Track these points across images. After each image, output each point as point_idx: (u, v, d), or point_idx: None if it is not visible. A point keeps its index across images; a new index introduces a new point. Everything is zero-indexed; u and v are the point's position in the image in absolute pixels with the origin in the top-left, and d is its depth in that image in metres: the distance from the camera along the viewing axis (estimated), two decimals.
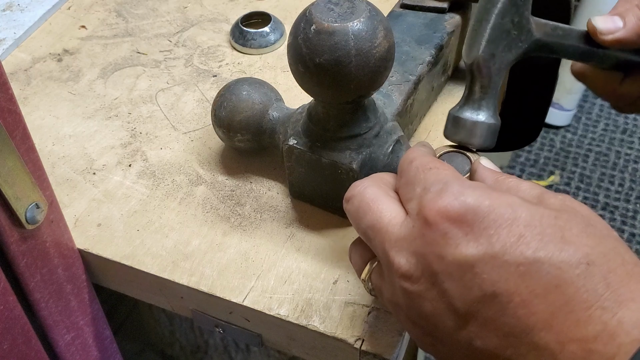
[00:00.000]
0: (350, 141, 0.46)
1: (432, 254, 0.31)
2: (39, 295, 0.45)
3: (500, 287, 0.29)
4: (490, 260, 0.30)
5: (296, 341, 0.47)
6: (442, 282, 0.31)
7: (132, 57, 0.67)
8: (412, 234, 0.32)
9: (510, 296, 0.29)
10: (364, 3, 0.42)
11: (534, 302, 0.29)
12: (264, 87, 0.53)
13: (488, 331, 0.30)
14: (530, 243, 0.29)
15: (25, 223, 0.40)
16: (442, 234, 0.31)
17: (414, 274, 0.32)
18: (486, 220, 0.30)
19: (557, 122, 1.87)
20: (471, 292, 0.30)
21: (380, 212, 0.35)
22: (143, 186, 0.54)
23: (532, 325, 0.29)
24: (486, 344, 0.30)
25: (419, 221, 0.32)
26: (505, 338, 0.29)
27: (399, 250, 0.33)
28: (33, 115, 0.61)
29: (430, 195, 0.32)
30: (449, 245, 0.31)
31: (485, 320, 0.30)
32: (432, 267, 0.31)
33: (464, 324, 0.30)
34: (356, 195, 0.37)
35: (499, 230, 0.30)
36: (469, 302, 0.30)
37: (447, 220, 0.31)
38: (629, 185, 1.74)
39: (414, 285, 0.32)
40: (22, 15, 0.71)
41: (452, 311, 0.31)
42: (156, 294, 0.50)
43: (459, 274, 0.30)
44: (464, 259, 0.30)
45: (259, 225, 0.50)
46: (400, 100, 0.51)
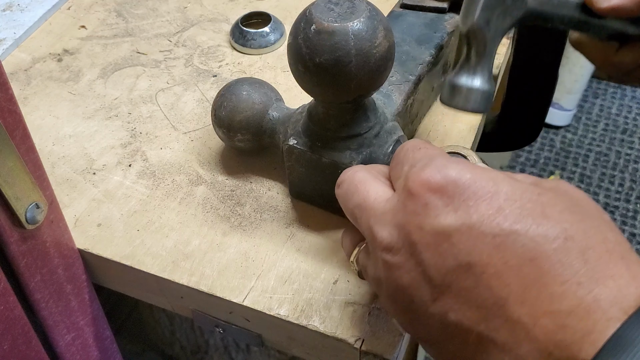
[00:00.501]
0: (351, 141, 0.46)
1: (412, 224, 0.31)
2: (39, 295, 0.45)
3: (475, 258, 0.29)
4: (467, 231, 0.30)
5: (296, 341, 0.47)
6: (420, 252, 0.31)
7: (132, 57, 0.67)
8: (396, 207, 0.33)
9: (484, 267, 0.29)
10: (364, 3, 0.42)
11: (507, 274, 0.28)
12: (264, 87, 0.53)
13: (462, 303, 0.30)
14: (508, 216, 0.29)
15: (25, 223, 0.40)
16: (423, 204, 0.31)
17: (395, 246, 0.32)
18: (467, 192, 0.30)
19: (557, 122, 1.87)
20: (446, 262, 0.30)
21: (367, 191, 0.35)
22: (143, 186, 0.54)
23: (505, 297, 0.28)
24: (459, 317, 0.30)
25: (404, 193, 0.32)
26: (478, 310, 0.29)
27: (382, 224, 0.33)
28: (33, 115, 0.61)
29: (416, 169, 0.33)
30: (428, 216, 0.31)
31: (459, 291, 0.30)
32: (411, 237, 0.31)
33: (439, 295, 0.30)
34: (346, 179, 0.37)
35: (479, 202, 0.30)
36: (444, 272, 0.30)
37: (429, 191, 0.31)
38: (629, 185, 1.74)
39: (394, 256, 0.32)
40: (22, 15, 0.71)
41: (427, 281, 0.31)
42: (156, 294, 0.50)
43: (435, 243, 0.30)
44: (442, 228, 0.30)
45: (259, 225, 0.50)
46: (400, 100, 0.51)
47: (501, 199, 0.30)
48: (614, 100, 1.97)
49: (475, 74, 0.43)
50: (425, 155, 0.34)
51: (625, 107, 1.94)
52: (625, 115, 1.92)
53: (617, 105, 1.95)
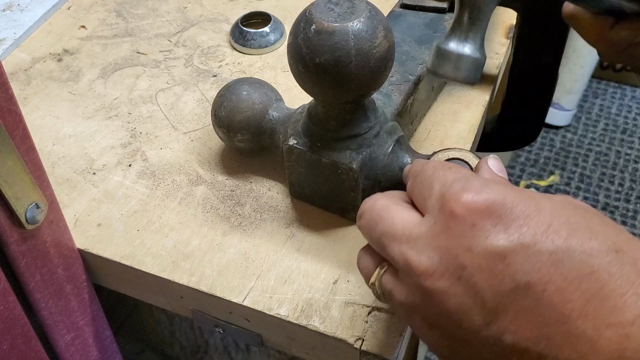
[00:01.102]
0: (350, 141, 0.46)
1: (459, 247, 0.30)
2: (39, 295, 0.45)
3: (534, 277, 0.29)
4: (522, 250, 0.29)
5: (296, 341, 0.47)
6: (471, 275, 0.30)
7: (132, 57, 0.67)
8: (434, 229, 0.32)
9: (545, 285, 0.29)
10: (364, 3, 0.42)
11: (568, 290, 0.28)
12: (264, 87, 0.53)
13: (520, 324, 0.29)
14: (559, 232, 0.29)
15: (25, 223, 0.40)
16: (470, 226, 0.30)
17: (437, 270, 0.31)
18: (514, 211, 0.30)
19: (557, 122, 1.87)
20: (503, 284, 0.29)
21: (392, 218, 0.34)
22: (143, 186, 0.54)
23: (568, 313, 0.28)
24: (517, 338, 0.29)
25: (443, 216, 0.31)
26: (539, 329, 0.29)
27: (419, 249, 0.32)
28: (33, 115, 0.61)
29: (453, 189, 0.32)
30: (478, 237, 0.30)
31: (518, 313, 0.29)
32: (458, 260, 0.30)
33: (494, 319, 0.30)
34: (367, 209, 0.36)
35: (528, 221, 0.30)
36: (500, 295, 0.29)
37: (475, 212, 0.30)
38: (629, 185, 1.74)
39: (437, 282, 0.31)
40: (22, 15, 0.71)
41: (480, 306, 0.30)
42: (156, 294, 0.50)
43: (489, 265, 0.29)
44: (495, 249, 0.29)
45: (259, 225, 0.50)
46: (400, 100, 0.51)
47: (548, 215, 0.30)
48: (614, 100, 1.97)
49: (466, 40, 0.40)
50: (459, 176, 0.33)
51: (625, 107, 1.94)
52: (625, 115, 1.92)
53: (617, 105, 1.95)
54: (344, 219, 0.50)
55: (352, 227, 0.50)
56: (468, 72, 0.41)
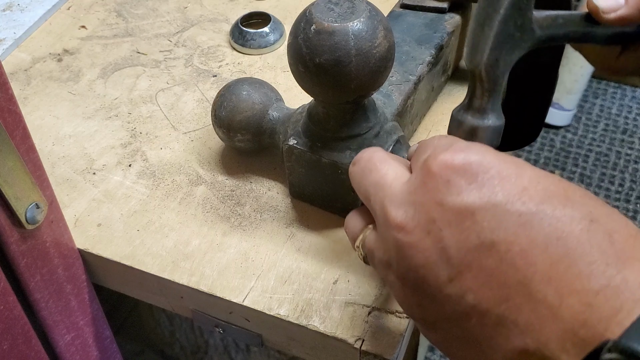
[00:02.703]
0: (350, 141, 0.46)
1: (431, 201, 0.31)
2: (39, 295, 0.45)
3: (500, 236, 0.28)
4: (491, 209, 0.29)
5: (296, 341, 0.47)
6: (439, 229, 0.30)
7: (132, 57, 0.67)
8: (413, 185, 0.32)
9: (509, 245, 0.28)
10: (364, 3, 0.42)
11: (533, 253, 0.28)
12: (264, 87, 0.53)
13: (482, 283, 0.29)
14: (533, 196, 0.29)
15: (25, 223, 0.40)
16: (445, 182, 0.30)
17: (409, 224, 0.31)
18: (491, 171, 0.30)
19: (557, 122, 1.87)
20: (468, 240, 0.29)
21: (386, 170, 0.35)
22: (143, 186, 0.54)
23: (530, 276, 0.28)
24: (478, 298, 0.29)
25: (422, 171, 0.32)
26: (500, 290, 0.28)
27: (398, 203, 0.32)
28: (33, 115, 0.61)
29: (438, 149, 0.32)
30: (450, 193, 0.30)
31: (480, 271, 0.29)
32: (429, 214, 0.30)
33: (457, 275, 0.29)
34: (364, 156, 0.36)
35: (503, 182, 0.30)
36: (465, 251, 0.29)
37: (451, 169, 0.31)
38: (629, 185, 1.74)
39: (408, 235, 0.31)
40: (22, 15, 0.71)
41: (445, 261, 0.30)
42: (156, 294, 0.50)
43: (457, 221, 0.30)
44: (465, 205, 0.29)
45: (259, 225, 0.50)
46: (400, 100, 0.51)
47: (525, 180, 0.30)
48: (614, 100, 1.97)
49: (485, 112, 0.41)
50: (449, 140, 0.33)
51: (625, 107, 1.94)
52: (625, 115, 1.92)
53: (617, 105, 1.95)
54: (344, 219, 0.50)
55: None
56: (490, 140, 0.41)
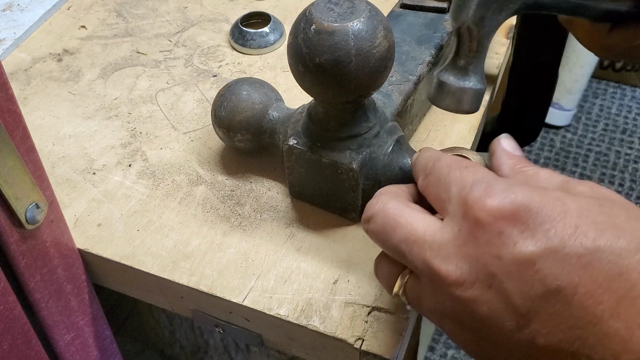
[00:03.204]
0: (350, 141, 0.46)
1: (487, 255, 0.30)
2: (39, 295, 0.45)
3: (564, 281, 0.29)
4: (550, 255, 0.29)
5: (296, 341, 0.47)
6: (501, 282, 0.30)
7: (132, 57, 0.67)
8: (460, 238, 0.31)
9: (575, 288, 0.29)
10: (364, 3, 0.42)
11: (598, 292, 0.28)
12: (264, 87, 0.53)
13: (552, 327, 0.29)
14: (587, 233, 0.29)
15: (25, 223, 0.40)
16: (497, 234, 0.30)
17: (468, 279, 0.31)
18: (540, 215, 0.30)
19: (557, 122, 1.87)
20: (533, 289, 0.29)
21: (410, 224, 0.34)
22: (143, 186, 0.54)
23: (600, 314, 0.28)
24: (550, 340, 0.29)
25: (468, 223, 0.31)
26: (571, 331, 0.29)
27: (444, 257, 0.32)
28: (33, 115, 0.61)
29: (475, 194, 0.31)
30: (506, 245, 0.30)
31: (549, 316, 0.29)
32: (488, 269, 0.30)
33: (526, 323, 0.30)
34: (377, 212, 0.35)
35: (555, 224, 0.29)
36: (531, 300, 0.29)
37: (501, 219, 0.30)
38: (629, 185, 1.74)
39: (467, 291, 0.31)
40: (22, 15, 0.71)
41: (512, 311, 0.30)
42: (156, 294, 0.50)
43: (519, 272, 0.29)
44: (524, 256, 0.29)
45: (259, 225, 0.50)
46: (400, 100, 0.51)
47: (574, 217, 0.30)
48: (614, 100, 1.97)
49: (467, 73, 0.40)
50: (479, 179, 0.32)
51: (625, 107, 1.94)
52: (625, 115, 1.92)
53: (617, 105, 1.95)
54: (344, 219, 0.50)
55: (352, 227, 0.50)
56: (470, 104, 0.41)
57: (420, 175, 0.36)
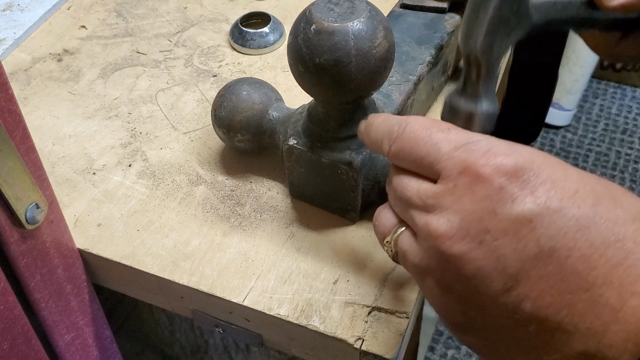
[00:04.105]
0: (350, 141, 0.46)
1: (483, 210, 0.29)
2: (39, 295, 0.45)
3: (559, 242, 0.28)
4: (547, 215, 0.28)
5: (296, 341, 0.47)
6: (494, 239, 0.29)
7: (132, 57, 0.67)
8: (456, 192, 0.31)
9: (569, 251, 0.28)
10: (364, 3, 0.42)
11: (593, 257, 0.28)
12: (264, 87, 0.53)
13: (541, 290, 0.28)
14: (586, 198, 0.29)
15: (25, 223, 0.40)
16: (497, 189, 0.29)
17: (457, 233, 0.30)
18: (541, 175, 0.29)
19: (557, 122, 1.87)
20: (527, 249, 0.28)
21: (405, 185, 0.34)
22: (143, 186, 0.54)
23: (592, 281, 0.28)
24: (537, 305, 0.28)
25: (467, 178, 0.30)
26: (561, 296, 0.28)
27: (438, 212, 0.31)
28: (33, 115, 0.61)
29: (477, 152, 0.31)
30: (503, 200, 0.29)
31: (540, 279, 0.28)
32: (481, 224, 0.29)
33: (514, 285, 0.29)
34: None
35: (555, 185, 0.29)
36: (523, 260, 0.28)
37: (504, 175, 0.29)
38: (629, 185, 1.74)
39: (456, 245, 0.30)
40: (22, 15, 0.71)
41: (501, 271, 0.29)
42: (156, 294, 0.50)
43: (514, 229, 0.29)
44: (521, 213, 0.29)
45: (259, 225, 0.50)
46: (400, 100, 0.51)
47: (574, 182, 0.29)
48: (614, 100, 1.97)
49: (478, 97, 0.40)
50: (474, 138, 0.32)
51: (625, 107, 1.94)
52: (625, 115, 1.92)
53: (617, 105, 1.95)
54: (344, 219, 0.50)
55: (352, 227, 0.50)
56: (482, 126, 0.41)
57: (385, 142, 0.35)
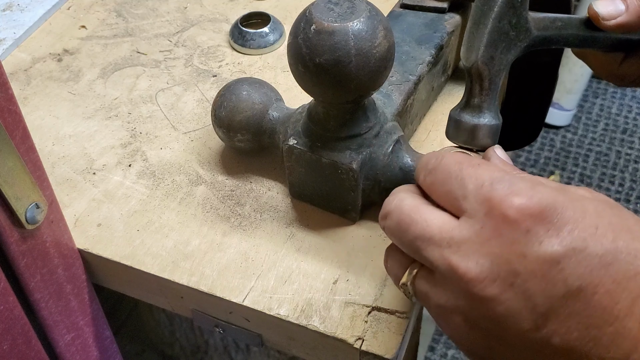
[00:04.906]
0: (350, 141, 0.46)
1: (512, 253, 0.30)
2: (39, 295, 0.45)
3: (586, 280, 0.29)
4: (574, 255, 0.29)
5: (296, 341, 0.47)
6: (524, 281, 0.30)
7: (132, 57, 0.67)
8: (483, 235, 0.31)
9: (595, 288, 0.29)
10: (364, 3, 0.42)
11: (617, 292, 0.29)
12: (264, 87, 0.53)
13: (569, 327, 0.29)
14: (606, 234, 0.30)
15: (25, 223, 0.40)
16: (525, 232, 0.30)
17: (488, 277, 0.31)
18: (564, 215, 0.30)
19: (557, 122, 1.87)
20: (555, 289, 0.30)
21: (425, 221, 0.33)
22: (143, 186, 0.54)
23: (617, 314, 0.29)
24: (565, 339, 0.30)
25: (493, 220, 0.31)
26: (587, 330, 0.29)
27: (464, 254, 0.31)
28: (33, 115, 0.61)
29: (500, 192, 0.31)
30: (531, 243, 0.30)
31: (568, 316, 0.29)
32: (511, 266, 0.30)
33: (544, 323, 0.30)
34: (393, 210, 0.35)
35: (577, 224, 0.30)
36: (553, 299, 0.30)
37: (530, 217, 0.30)
38: (629, 185, 1.74)
39: (487, 288, 0.31)
40: (22, 15, 0.71)
41: (530, 311, 0.30)
42: (156, 294, 0.50)
43: (542, 271, 0.30)
44: (549, 255, 0.30)
45: (259, 225, 0.50)
46: (400, 100, 0.51)
47: (593, 218, 0.30)
48: (614, 100, 1.97)
49: (481, 110, 0.41)
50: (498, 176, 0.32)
51: (625, 107, 1.94)
52: (625, 115, 1.92)
53: (617, 105, 1.95)
54: (344, 219, 0.50)
55: (352, 227, 0.50)
56: (486, 139, 0.41)
57: (422, 173, 0.36)
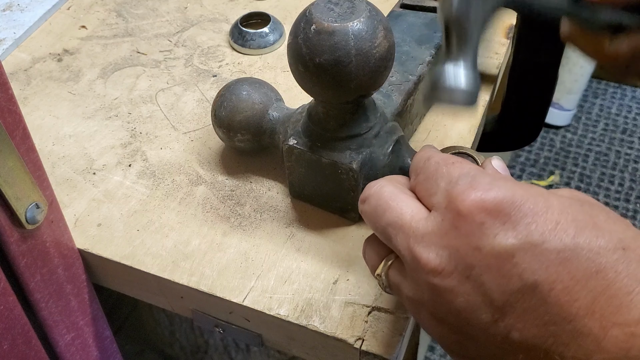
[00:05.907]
0: (350, 141, 0.46)
1: (467, 246, 0.30)
2: (39, 295, 0.45)
3: (541, 276, 0.29)
4: (530, 249, 0.29)
5: (296, 341, 0.47)
6: (479, 274, 0.30)
7: (132, 57, 0.67)
8: (442, 228, 0.32)
9: (552, 284, 0.29)
10: (364, 3, 0.42)
11: (575, 289, 0.28)
12: (264, 87, 0.53)
13: (527, 322, 0.29)
14: (567, 230, 0.29)
15: (25, 223, 0.40)
16: (478, 225, 0.30)
17: (445, 269, 0.31)
18: (522, 209, 0.30)
19: (557, 122, 1.87)
20: (510, 283, 0.29)
21: (400, 209, 0.34)
22: (143, 186, 0.54)
23: (575, 312, 0.28)
24: (524, 335, 0.29)
25: (450, 214, 0.31)
26: (546, 327, 0.29)
27: (426, 245, 0.32)
28: (33, 115, 0.61)
29: (460, 187, 0.31)
30: (486, 236, 0.30)
31: (525, 311, 0.29)
32: (466, 259, 0.30)
33: (501, 317, 0.30)
34: (373, 194, 0.36)
35: (536, 218, 0.30)
36: (508, 294, 0.29)
37: (483, 211, 0.30)
38: (629, 185, 1.74)
39: (445, 280, 0.31)
40: (22, 15, 0.71)
41: (488, 304, 0.30)
42: (156, 294, 0.50)
43: (497, 265, 0.30)
44: (503, 249, 0.29)
45: (259, 225, 0.50)
46: (400, 100, 0.51)
47: (555, 213, 0.30)
48: (614, 100, 1.97)
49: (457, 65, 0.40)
50: (464, 173, 0.33)
51: (625, 107, 1.94)
52: (625, 115, 1.92)
53: (617, 105, 1.95)
54: (344, 219, 0.50)
55: (352, 227, 0.50)
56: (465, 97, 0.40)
57: (412, 175, 0.36)
